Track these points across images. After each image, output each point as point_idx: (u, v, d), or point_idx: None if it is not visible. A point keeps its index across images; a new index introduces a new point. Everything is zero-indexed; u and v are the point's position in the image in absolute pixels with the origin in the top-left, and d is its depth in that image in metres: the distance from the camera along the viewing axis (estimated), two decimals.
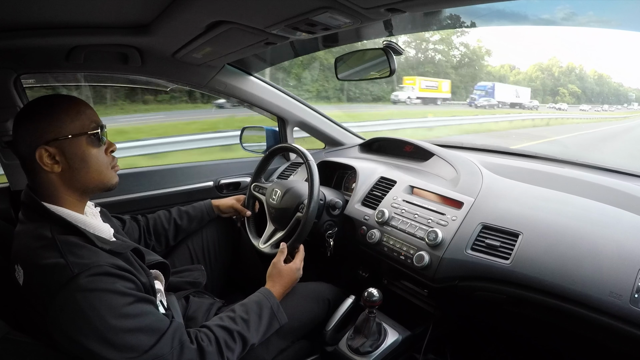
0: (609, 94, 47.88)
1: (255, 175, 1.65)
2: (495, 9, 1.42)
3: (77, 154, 0.86)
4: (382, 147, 1.97)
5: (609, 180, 1.23)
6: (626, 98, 43.60)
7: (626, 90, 47.60)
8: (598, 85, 49.20)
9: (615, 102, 41.56)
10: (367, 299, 1.11)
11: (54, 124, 0.83)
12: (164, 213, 1.44)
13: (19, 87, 1.33)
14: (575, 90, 44.08)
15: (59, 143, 0.83)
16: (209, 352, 0.89)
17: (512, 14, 1.44)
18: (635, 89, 49.81)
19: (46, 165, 0.82)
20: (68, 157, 0.84)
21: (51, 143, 0.82)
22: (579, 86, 45.14)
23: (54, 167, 0.84)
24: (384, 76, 1.34)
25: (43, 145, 0.81)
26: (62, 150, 0.84)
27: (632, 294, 0.82)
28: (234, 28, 1.02)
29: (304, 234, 1.30)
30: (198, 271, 1.32)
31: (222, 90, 1.76)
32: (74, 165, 0.86)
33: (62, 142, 0.83)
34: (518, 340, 1.30)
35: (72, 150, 0.85)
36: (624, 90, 47.87)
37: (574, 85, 44.99)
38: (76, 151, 0.85)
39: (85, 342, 0.73)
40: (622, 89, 48.83)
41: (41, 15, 1.00)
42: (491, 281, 1.03)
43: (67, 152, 0.84)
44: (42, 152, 0.81)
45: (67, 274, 0.74)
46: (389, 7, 0.83)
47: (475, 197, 1.22)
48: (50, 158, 0.83)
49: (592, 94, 46.14)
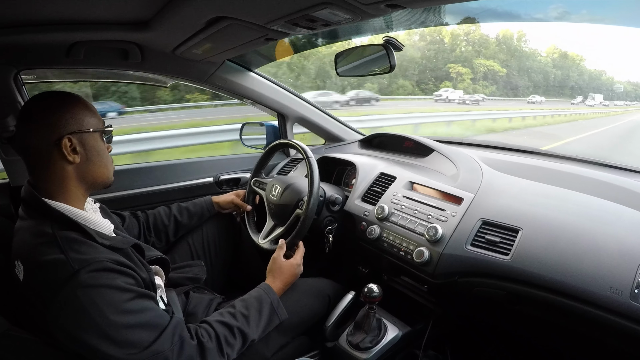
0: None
1: (256, 171, 1.65)
2: (487, 8, 1.42)
3: (95, 147, 0.91)
4: (382, 143, 1.97)
5: (609, 176, 1.23)
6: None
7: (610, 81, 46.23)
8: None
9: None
10: (367, 295, 1.11)
11: (76, 117, 0.87)
12: (163, 209, 1.44)
13: (19, 83, 1.33)
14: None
15: (80, 135, 0.87)
16: (209, 348, 0.89)
17: (505, 13, 1.44)
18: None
19: (69, 155, 0.85)
20: (87, 149, 0.89)
21: (75, 134, 0.86)
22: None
23: (75, 158, 0.86)
24: (384, 72, 1.34)
25: (67, 135, 0.84)
26: (83, 142, 0.88)
27: (632, 289, 0.82)
28: (234, 24, 1.02)
29: (303, 231, 1.30)
30: (198, 267, 1.33)
31: (222, 86, 1.76)
32: (91, 157, 0.90)
33: (83, 134, 0.88)
34: (518, 339, 1.30)
35: (91, 143, 0.90)
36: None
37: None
38: (94, 144, 0.90)
39: (85, 338, 0.74)
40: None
41: (41, 11, 1.00)
42: (491, 277, 1.03)
43: (87, 144, 0.89)
44: (66, 141, 0.84)
45: (68, 270, 0.74)
46: (389, 2, 0.83)
47: (475, 193, 1.22)
48: (72, 148, 0.85)
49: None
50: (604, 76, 46.14)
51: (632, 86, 39.66)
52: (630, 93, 36.11)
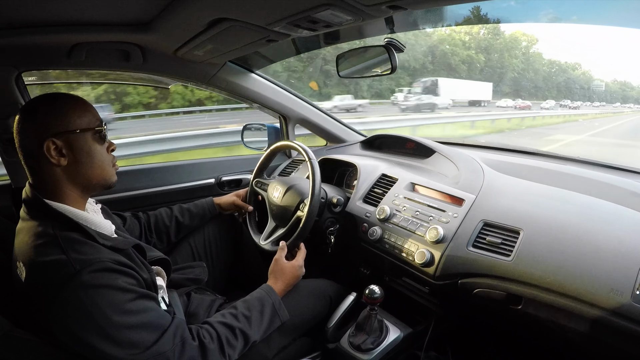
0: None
1: (257, 172, 1.65)
2: (477, 15, 1.43)
3: (84, 148, 0.88)
4: (383, 144, 1.97)
5: (610, 177, 1.23)
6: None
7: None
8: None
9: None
10: (369, 296, 1.11)
11: (62, 119, 0.85)
12: (165, 210, 1.44)
13: (21, 84, 1.33)
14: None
15: (66, 136, 0.85)
16: (211, 349, 0.89)
17: (494, 19, 1.45)
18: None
19: (53, 158, 0.83)
20: (74, 150, 0.86)
21: (59, 136, 0.84)
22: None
23: (61, 160, 0.85)
24: (386, 73, 1.34)
25: (51, 138, 0.83)
26: (69, 144, 0.85)
27: (633, 290, 0.82)
28: (236, 25, 1.02)
29: (304, 233, 1.31)
30: (199, 268, 1.32)
31: (224, 87, 1.76)
32: (80, 159, 0.87)
33: (69, 136, 0.85)
34: (518, 340, 1.30)
35: (78, 144, 0.87)
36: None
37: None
38: (82, 145, 0.87)
39: (87, 339, 0.74)
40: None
41: (43, 12, 1.01)
42: (492, 278, 1.03)
43: (74, 145, 0.86)
44: (49, 144, 0.83)
45: (69, 271, 0.74)
46: (391, 4, 0.83)
47: (476, 194, 1.22)
48: (57, 151, 0.84)
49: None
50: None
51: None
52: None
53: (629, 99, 41.30)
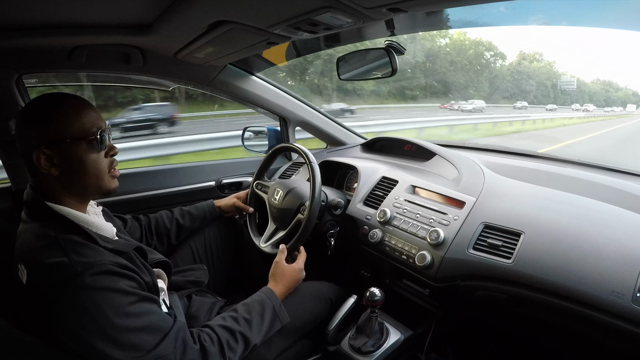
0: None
1: (258, 174, 1.65)
2: (467, 20, 1.44)
3: (75, 158, 0.84)
4: (384, 147, 1.97)
5: (610, 180, 1.24)
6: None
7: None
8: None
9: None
10: (369, 299, 1.11)
11: (54, 126, 0.82)
12: (166, 213, 1.44)
13: (21, 86, 1.33)
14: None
15: (57, 146, 0.82)
16: (212, 352, 0.89)
17: (484, 24, 1.46)
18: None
19: (43, 168, 0.82)
20: (66, 160, 0.83)
21: (50, 145, 0.81)
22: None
23: (51, 170, 0.83)
24: (386, 76, 1.34)
25: (42, 148, 0.81)
26: (60, 154, 0.83)
27: (634, 293, 0.82)
28: (236, 28, 1.02)
29: (304, 236, 1.30)
30: (200, 270, 1.32)
31: (224, 90, 1.76)
32: (72, 169, 0.85)
33: (60, 145, 0.82)
34: (518, 340, 1.30)
35: (70, 155, 0.84)
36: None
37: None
38: (74, 155, 0.84)
39: (89, 341, 0.73)
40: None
41: (43, 14, 1.01)
42: (493, 280, 1.03)
43: (66, 155, 0.83)
44: (39, 154, 0.81)
45: (71, 273, 0.74)
46: (391, 6, 0.83)
47: (477, 197, 1.22)
48: (48, 161, 0.82)
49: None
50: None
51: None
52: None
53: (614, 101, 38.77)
